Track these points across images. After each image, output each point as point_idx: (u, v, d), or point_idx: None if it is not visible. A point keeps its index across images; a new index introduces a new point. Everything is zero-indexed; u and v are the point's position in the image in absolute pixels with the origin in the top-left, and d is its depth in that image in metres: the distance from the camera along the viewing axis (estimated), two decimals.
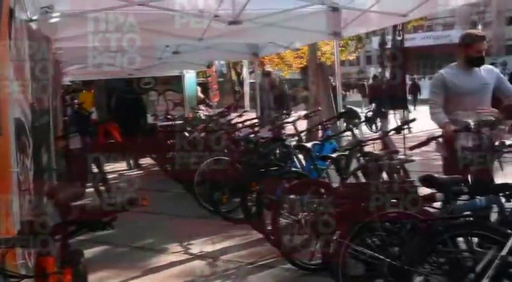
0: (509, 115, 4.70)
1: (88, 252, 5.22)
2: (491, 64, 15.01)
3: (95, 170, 8.40)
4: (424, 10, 5.62)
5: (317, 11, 6.48)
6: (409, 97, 19.61)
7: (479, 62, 4.88)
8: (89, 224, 2.74)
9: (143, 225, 6.45)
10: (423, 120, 6.01)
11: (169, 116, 12.89)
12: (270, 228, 5.13)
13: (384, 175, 5.19)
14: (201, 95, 16.14)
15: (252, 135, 7.74)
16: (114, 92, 12.53)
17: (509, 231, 3.09)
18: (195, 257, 5.46)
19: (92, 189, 8.03)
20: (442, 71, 5.10)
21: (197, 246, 5.76)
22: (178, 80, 14.18)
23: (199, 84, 16.62)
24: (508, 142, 4.43)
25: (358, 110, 7.67)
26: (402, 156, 5.67)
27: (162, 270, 5.14)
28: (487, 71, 5.05)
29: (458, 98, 4.90)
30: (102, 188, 8.06)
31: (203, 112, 13.26)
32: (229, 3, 5.37)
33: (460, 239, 3.47)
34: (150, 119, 13.46)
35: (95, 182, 7.75)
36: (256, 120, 8.82)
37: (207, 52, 8.87)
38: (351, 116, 8.12)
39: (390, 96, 16.32)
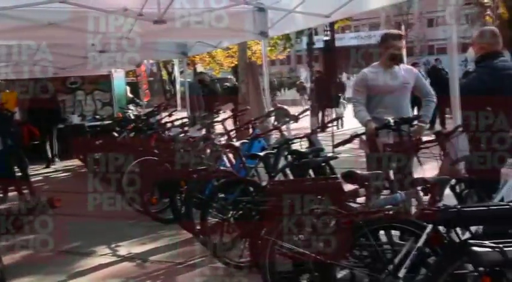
0: (426, 114, 4.93)
1: (8, 259, 5.05)
2: (414, 64, 15.63)
3: (18, 173, 8.11)
4: (346, 11, 5.79)
5: (244, 11, 6.54)
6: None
7: (399, 59, 5.04)
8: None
9: (70, 228, 6.26)
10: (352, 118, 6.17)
11: (97, 116, 12.61)
12: (199, 227, 5.13)
13: (311, 172, 5.33)
14: (131, 95, 15.89)
15: (181, 135, 7.70)
16: (29, 93, 12.12)
17: (425, 223, 3.24)
18: (123, 259, 5.38)
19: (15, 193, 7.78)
20: (364, 70, 5.24)
21: (126, 248, 5.67)
22: (107, 79, 13.88)
23: (128, 83, 16.34)
24: (425, 138, 4.63)
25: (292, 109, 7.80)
26: (330, 154, 5.83)
27: (89, 273, 5.03)
28: (407, 71, 5.25)
29: (379, 97, 5.07)
30: (25, 191, 7.79)
31: (132, 112, 13.05)
32: (154, 2, 5.32)
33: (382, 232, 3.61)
34: (77, 119, 13.11)
35: (18, 185, 7.48)
36: (186, 120, 8.78)
37: (134, 51, 8.71)
38: (280, 115, 8.24)
39: (319, 95, 16.68)
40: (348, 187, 4.13)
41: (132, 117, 11.59)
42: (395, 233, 3.78)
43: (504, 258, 2.14)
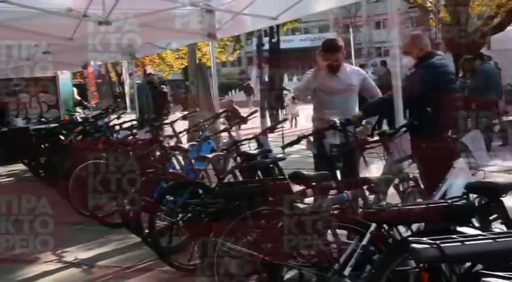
0: (371, 115, 5.03)
1: None
2: (361, 66, 15.87)
3: None
4: (294, 13, 5.85)
5: (192, 12, 6.51)
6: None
7: (336, 68, 5.12)
8: None
9: (13, 235, 6.08)
10: (305, 119, 6.24)
11: (43, 119, 12.27)
12: (147, 231, 5.08)
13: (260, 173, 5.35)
14: (78, 97, 15.55)
15: (130, 137, 7.60)
16: None
17: (369, 222, 3.30)
18: (69, 265, 5.26)
19: None
20: (313, 70, 5.29)
21: (72, 254, 5.55)
22: (52, 81, 13.54)
23: (76, 85, 15.99)
24: (370, 139, 4.74)
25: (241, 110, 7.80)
26: (281, 155, 5.87)
27: (33, 280, 4.90)
28: (354, 72, 5.34)
29: (325, 98, 5.14)
30: None
31: (80, 114, 12.77)
32: (99, 2, 5.22)
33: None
34: (21, 122, 12.74)
35: None
36: (135, 122, 8.66)
37: (80, 52, 8.54)
38: (232, 116, 8.25)
39: (269, 96, 16.78)
40: (296, 188, 4.19)
41: (80, 119, 11.35)
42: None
43: (441, 254, 2.20)
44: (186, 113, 8.78)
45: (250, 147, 5.69)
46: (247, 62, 50.99)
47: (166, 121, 7.98)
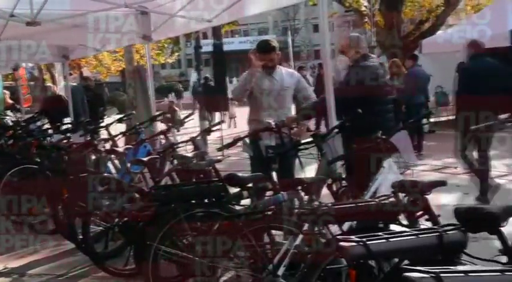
0: (305, 116, 5.13)
1: None
2: (300, 68, 16.01)
3: None
4: (229, 16, 5.88)
5: (126, 14, 6.42)
6: None
7: (271, 70, 5.18)
8: None
9: None
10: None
11: None
12: (81, 236, 4.97)
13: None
14: (10, 100, 14.99)
15: (64, 141, 7.40)
16: None
17: (302, 222, 3.35)
18: None
19: None
20: (249, 70, 5.32)
21: (1, 263, 5.34)
22: None
23: (7, 88, 15.41)
24: (304, 140, 4.81)
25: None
26: (220, 157, 5.88)
27: None
28: (289, 75, 5.42)
29: (261, 99, 5.20)
30: None
31: (11, 118, 12.31)
32: (27, 2, 5.06)
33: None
34: None
35: None
36: (69, 125, 8.45)
37: (9, 54, 8.24)
38: (169, 119, 8.17)
39: (211, 99, 16.67)
40: (232, 190, 4.20)
41: (11, 123, 10.94)
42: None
43: (367, 251, 2.27)
44: (121, 115, 8.63)
45: (187, 150, 5.68)
46: (187, 64, 50.74)
47: (101, 124, 7.84)
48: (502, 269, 2.02)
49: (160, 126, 7.61)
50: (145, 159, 5.38)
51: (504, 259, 2.76)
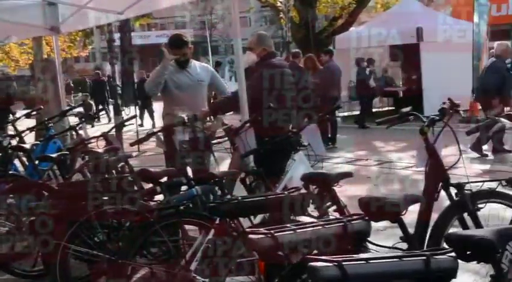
0: (218, 111, 5.13)
1: None
2: (217, 62, 16.01)
3: None
4: (140, 9, 5.77)
5: (32, 4, 6.15)
6: None
7: (185, 63, 5.15)
8: None
9: None
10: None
11: None
12: None
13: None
14: None
15: None
16: None
17: (213, 216, 3.35)
18: None
19: None
20: (161, 63, 5.24)
21: None
22: None
23: None
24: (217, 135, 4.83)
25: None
26: (136, 153, 5.76)
27: None
28: (203, 69, 5.40)
29: (175, 93, 5.14)
30: None
31: None
32: None
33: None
34: None
35: None
36: None
37: None
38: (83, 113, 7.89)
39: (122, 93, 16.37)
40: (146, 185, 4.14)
41: None
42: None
43: (275, 242, 2.32)
44: (29, 110, 8.28)
45: (99, 146, 5.53)
46: (102, 57, 49.34)
47: (8, 120, 7.48)
48: (400, 255, 2.12)
49: (73, 121, 7.37)
50: (54, 155, 5.19)
51: (404, 246, 2.92)
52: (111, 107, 15.60)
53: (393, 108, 15.14)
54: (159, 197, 4.11)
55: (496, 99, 8.35)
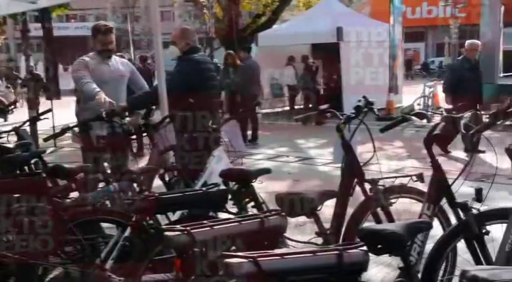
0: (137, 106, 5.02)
1: None
2: (141, 57, 15.69)
3: None
4: None
5: None
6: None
7: (109, 52, 5.00)
8: None
9: None
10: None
11: None
12: None
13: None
14: None
15: None
16: None
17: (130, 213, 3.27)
18: None
19: None
20: (84, 57, 5.05)
21: None
22: None
23: None
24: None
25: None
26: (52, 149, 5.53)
27: None
28: (123, 64, 5.26)
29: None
30: None
31: None
32: None
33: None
34: None
35: None
36: None
37: None
38: None
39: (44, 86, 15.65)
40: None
41: None
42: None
43: (191, 239, 2.29)
44: None
45: (10, 141, 5.27)
46: (17, 48, 47.10)
47: None
48: (314, 250, 2.15)
49: None
50: None
51: (320, 241, 2.99)
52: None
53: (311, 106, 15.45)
54: (75, 194, 3.98)
55: (448, 97, 8.66)
